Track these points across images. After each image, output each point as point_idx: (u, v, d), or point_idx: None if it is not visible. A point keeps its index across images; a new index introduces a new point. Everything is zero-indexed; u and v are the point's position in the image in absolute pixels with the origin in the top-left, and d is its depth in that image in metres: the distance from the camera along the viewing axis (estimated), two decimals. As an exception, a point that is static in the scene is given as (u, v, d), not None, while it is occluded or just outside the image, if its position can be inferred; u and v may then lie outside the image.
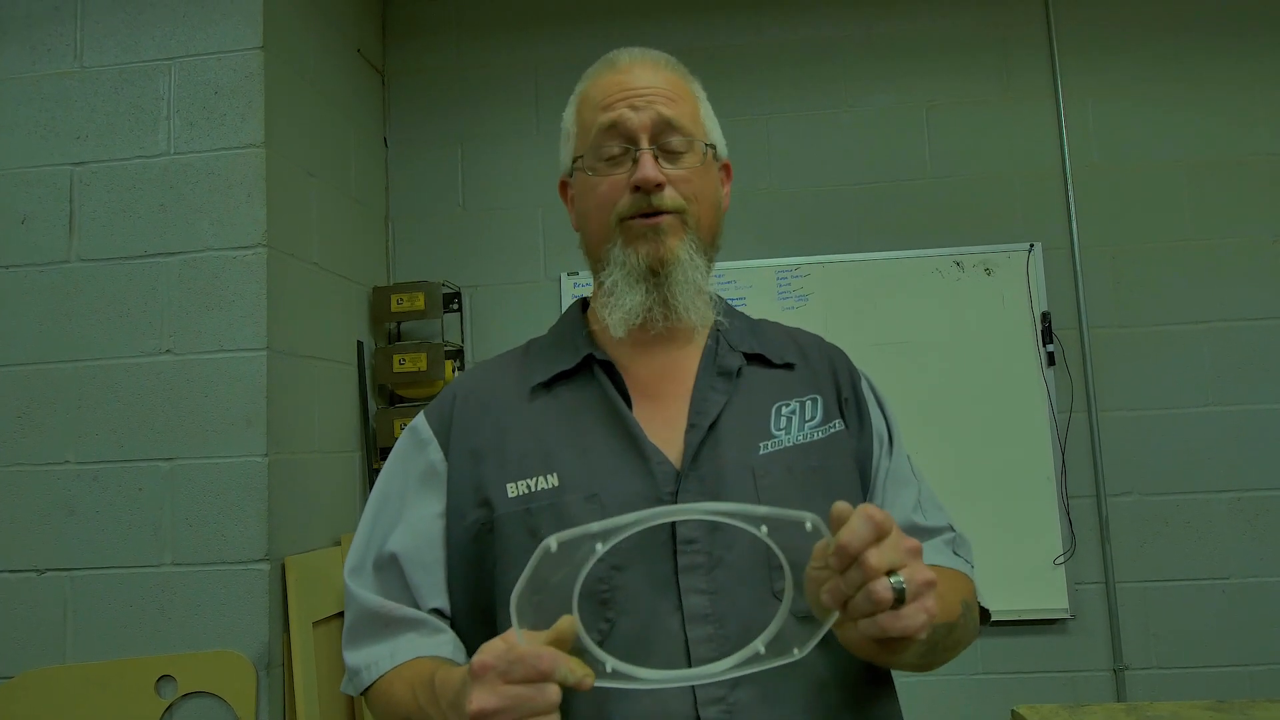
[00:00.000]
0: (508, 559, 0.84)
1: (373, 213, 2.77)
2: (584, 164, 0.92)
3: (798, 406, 0.93)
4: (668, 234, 0.89)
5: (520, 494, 0.85)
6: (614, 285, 0.90)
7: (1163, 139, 2.70)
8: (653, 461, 0.85)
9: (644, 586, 0.80)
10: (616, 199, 0.89)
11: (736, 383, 0.92)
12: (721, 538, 0.82)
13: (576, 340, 0.95)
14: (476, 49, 2.89)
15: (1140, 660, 2.54)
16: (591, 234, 0.94)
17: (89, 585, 2.01)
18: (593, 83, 0.95)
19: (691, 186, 0.90)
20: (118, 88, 2.14)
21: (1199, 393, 2.61)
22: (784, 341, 1.00)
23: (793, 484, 0.87)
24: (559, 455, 0.86)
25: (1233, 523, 2.56)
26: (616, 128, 0.89)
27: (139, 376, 2.06)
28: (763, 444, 0.89)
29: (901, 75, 2.79)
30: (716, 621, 0.80)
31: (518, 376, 0.95)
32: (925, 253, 2.67)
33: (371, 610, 0.88)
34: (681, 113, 0.91)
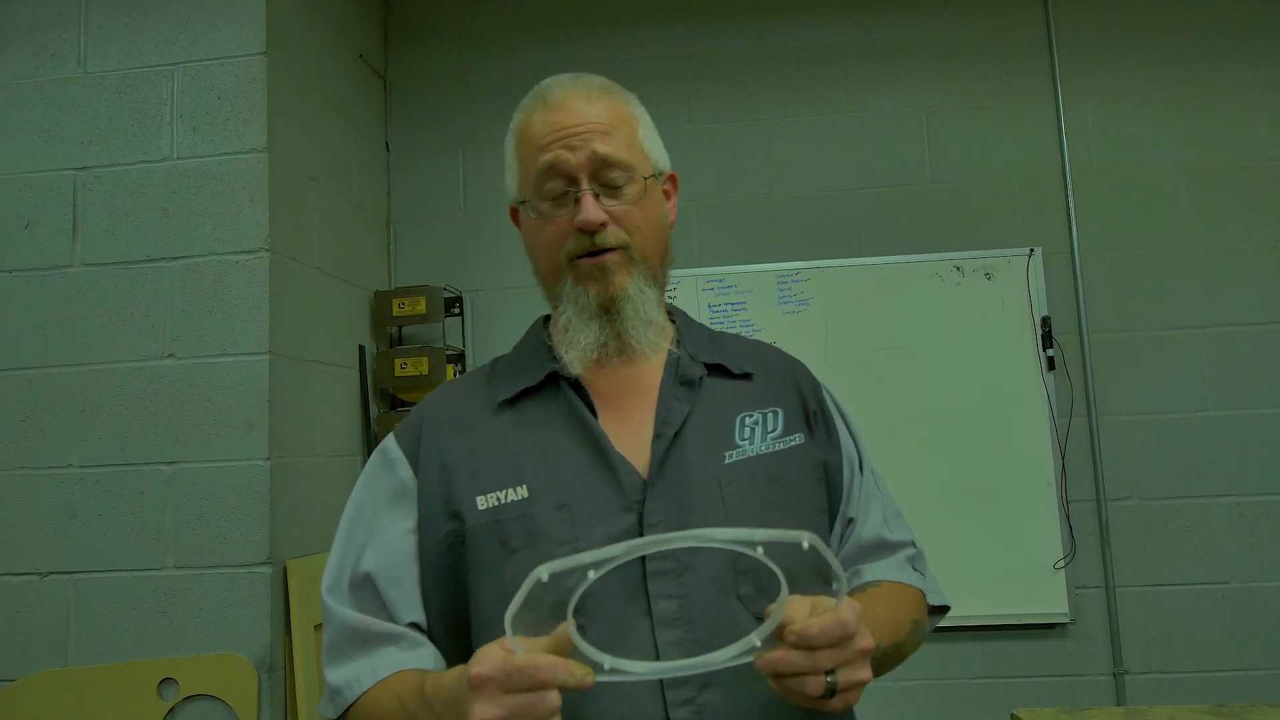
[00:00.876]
0: (479, 569, 0.86)
1: (374, 217, 2.78)
2: (529, 205, 0.94)
3: (760, 417, 0.95)
4: (615, 271, 0.91)
5: (490, 505, 0.87)
6: (568, 321, 0.92)
7: (1162, 143, 2.71)
8: (620, 471, 0.87)
9: (613, 592, 0.82)
10: (563, 239, 0.91)
11: (698, 392, 0.94)
12: None
13: (540, 357, 0.97)
14: (478, 54, 2.90)
15: (1140, 665, 2.54)
16: (542, 269, 0.96)
17: (91, 588, 2.02)
18: (528, 118, 0.96)
19: (633, 219, 0.92)
20: (121, 93, 2.15)
21: (1199, 397, 2.62)
22: (743, 353, 1.02)
23: (756, 493, 0.90)
24: (528, 467, 0.89)
25: (1233, 528, 2.56)
26: (555, 169, 0.91)
27: (141, 380, 2.07)
28: (728, 453, 0.91)
29: (901, 80, 2.80)
30: (685, 625, 0.82)
31: (484, 394, 0.97)
32: (925, 257, 2.67)
33: (350, 626, 0.88)
34: (618, 145, 0.92)
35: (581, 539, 0.83)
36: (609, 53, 2.83)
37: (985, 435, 2.59)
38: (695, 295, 2.71)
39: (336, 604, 0.90)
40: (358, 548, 0.92)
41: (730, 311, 2.70)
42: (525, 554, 0.83)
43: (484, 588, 0.85)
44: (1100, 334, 2.66)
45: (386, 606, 0.89)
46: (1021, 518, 2.57)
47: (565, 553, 0.81)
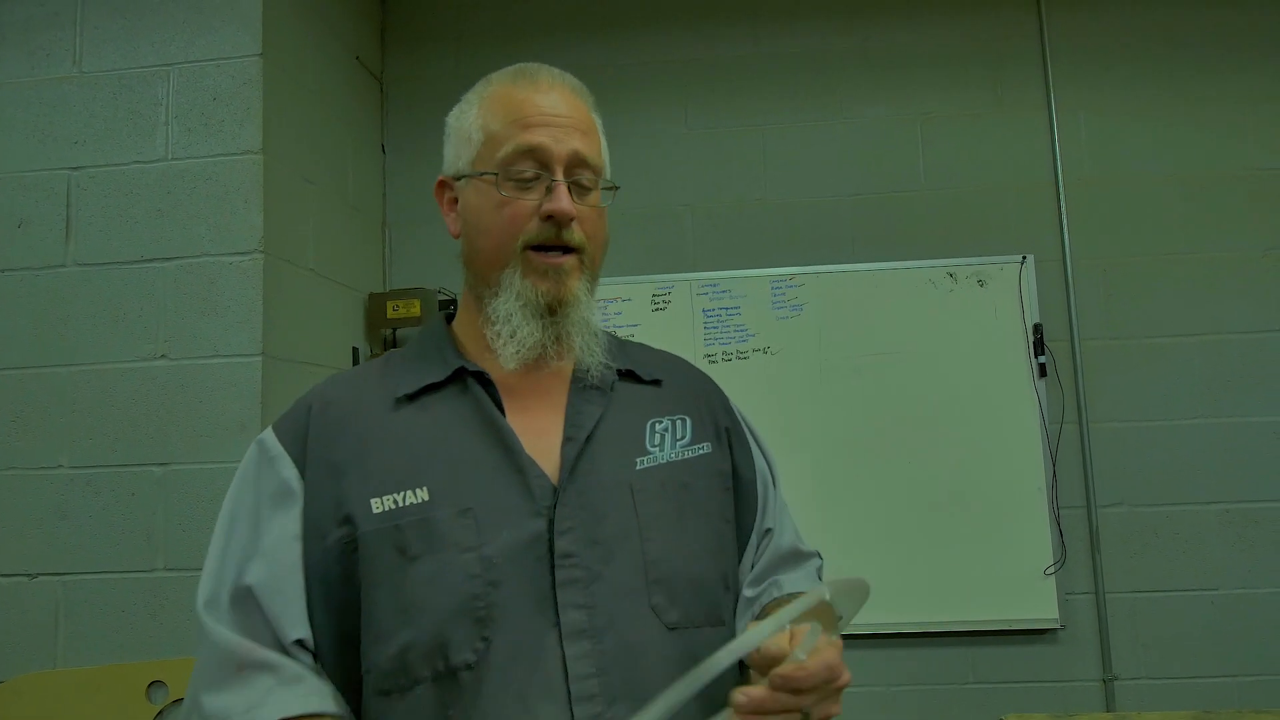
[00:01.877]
0: (374, 578, 0.79)
1: (370, 219, 2.78)
2: (490, 179, 0.89)
3: (669, 424, 0.94)
4: (569, 275, 0.89)
5: (386, 509, 0.81)
6: (508, 315, 0.88)
7: (1154, 152, 2.73)
8: (529, 475, 0.84)
9: (521, 603, 0.79)
10: (524, 224, 0.87)
11: (610, 396, 0.92)
12: (599, 551, 0.82)
13: (445, 353, 0.92)
14: (475, 57, 2.90)
15: (1129, 671, 2.55)
16: (486, 250, 0.90)
17: (81, 590, 2.01)
18: (508, 93, 0.91)
19: (592, 225, 0.91)
20: (116, 93, 2.15)
21: (1189, 405, 2.63)
22: (652, 360, 1.01)
23: (667, 501, 0.88)
24: (428, 468, 0.83)
25: (1222, 534, 2.58)
26: (535, 152, 0.87)
27: (134, 381, 2.06)
28: (639, 459, 0.89)
29: (896, 87, 2.82)
30: (594, 636, 0.79)
31: (380, 388, 0.90)
32: (919, 264, 2.68)
33: (227, 650, 0.79)
34: (593, 150, 0.91)
35: (486, 544, 0.79)
36: (606, 57, 2.84)
37: (977, 441, 2.60)
38: (689, 300, 2.71)
39: (214, 622, 0.81)
40: (237, 555, 0.83)
41: (724, 316, 2.70)
42: (426, 561, 0.79)
43: (379, 598, 0.79)
44: (1092, 341, 2.67)
45: (269, 622, 0.80)
46: (1012, 523, 2.58)
47: (468, 561, 0.78)
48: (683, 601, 0.84)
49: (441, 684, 0.77)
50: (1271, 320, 2.63)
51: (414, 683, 0.77)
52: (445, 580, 0.78)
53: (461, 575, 0.78)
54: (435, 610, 0.78)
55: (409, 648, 0.77)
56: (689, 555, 0.87)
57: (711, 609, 0.88)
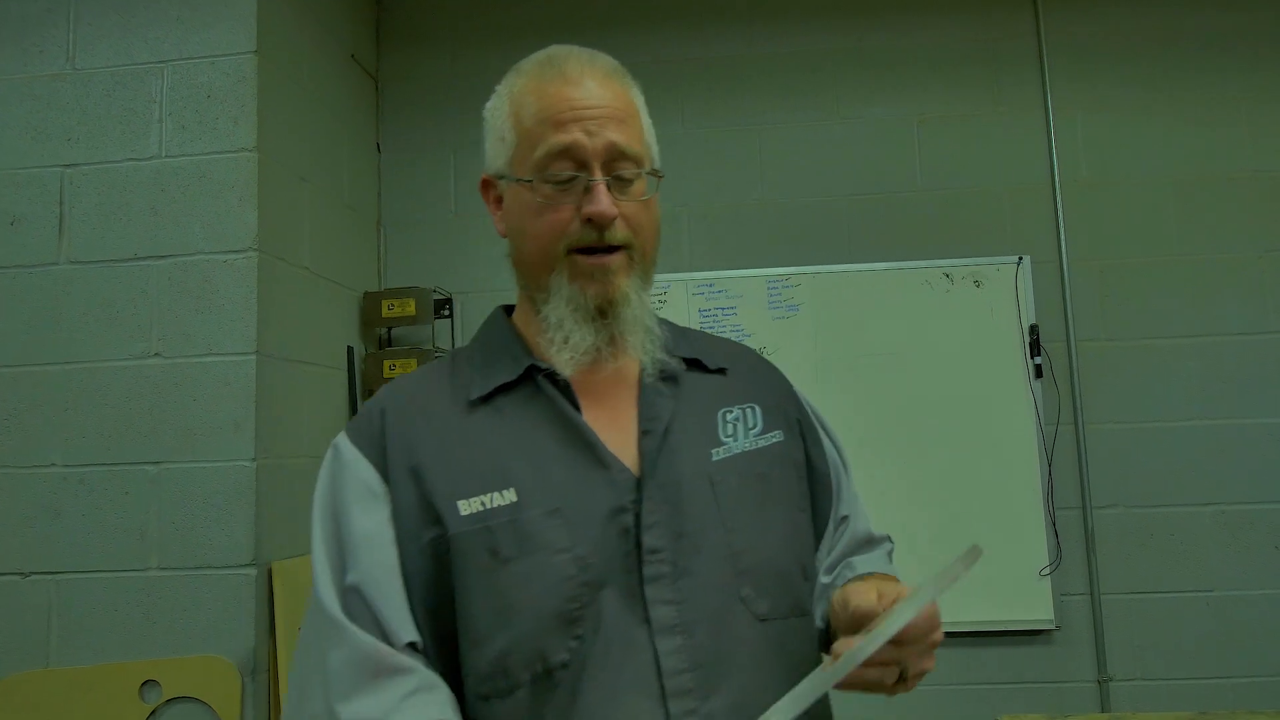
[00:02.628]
0: (467, 581, 0.79)
1: (365, 218, 2.77)
2: (528, 184, 0.86)
3: (740, 413, 0.92)
4: (616, 274, 0.86)
5: (475, 511, 0.80)
6: (559, 321, 0.86)
7: (1151, 154, 2.73)
8: (613, 470, 0.83)
9: (611, 600, 0.78)
10: (565, 227, 0.85)
11: (679, 388, 0.91)
12: (686, 545, 0.82)
13: (513, 350, 0.90)
14: (471, 56, 2.89)
15: (1124, 672, 2.55)
16: (531, 255, 0.88)
17: (74, 589, 2.01)
18: (538, 87, 0.88)
19: (638, 218, 0.87)
20: (110, 90, 2.14)
21: (1185, 406, 2.63)
22: (715, 347, 0.99)
23: (746, 491, 0.87)
24: (513, 470, 0.82)
25: (1216, 536, 2.58)
26: (569, 152, 0.84)
27: (127, 379, 2.05)
28: (714, 450, 0.88)
29: (892, 88, 2.81)
30: (685, 631, 0.79)
31: (451, 389, 0.89)
32: (915, 264, 2.68)
33: (364, 654, 0.77)
34: (632, 137, 0.87)
35: (580, 544, 0.79)
36: (602, 56, 2.83)
37: (972, 442, 2.60)
38: (685, 300, 2.71)
39: (350, 622, 0.78)
40: (336, 562, 0.82)
41: (720, 316, 2.70)
42: (520, 563, 0.78)
43: (474, 601, 0.78)
44: (1087, 342, 2.67)
45: (380, 624, 0.78)
46: (1008, 524, 2.58)
47: (563, 562, 0.78)
48: (770, 592, 0.84)
49: (539, 685, 0.77)
50: (1267, 322, 2.64)
51: (514, 686, 0.77)
52: (542, 582, 0.78)
53: (558, 577, 0.78)
54: (533, 613, 0.77)
55: (508, 652, 0.77)
56: (772, 545, 0.87)
57: (796, 599, 0.88)
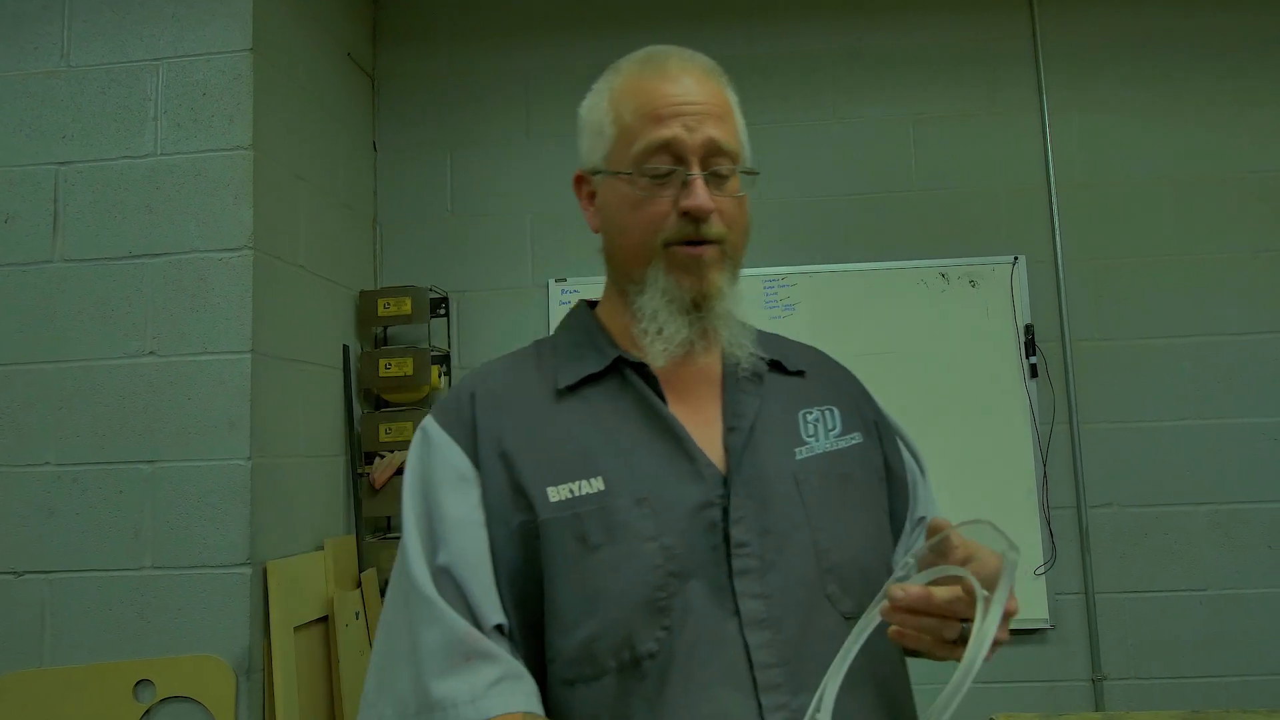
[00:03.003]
0: (555, 567, 0.80)
1: (361, 216, 2.76)
2: (626, 176, 0.88)
3: (820, 415, 0.94)
4: (710, 267, 0.87)
5: (564, 498, 0.81)
6: (654, 312, 0.88)
7: (1146, 154, 2.74)
8: (700, 464, 0.84)
9: (699, 592, 0.79)
10: (662, 221, 0.86)
11: (763, 387, 0.92)
12: (772, 541, 0.82)
13: (599, 342, 0.92)
14: (467, 55, 2.89)
15: (1118, 670, 2.56)
16: (627, 247, 0.90)
17: (67, 588, 2.00)
18: (638, 84, 0.90)
19: (732, 214, 0.89)
20: (104, 87, 2.13)
21: (1179, 406, 2.64)
22: (794, 350, 1.01)
23: (829, 490, 0.88)
24: (601, 458, 0.84)
25: (1210, 535, 2.59)
26: (669, 147, 0.86)
27: (121, 378, 2.05)
28: (798, 449, 0.89)
29: (889, 88, 2.82)
30: (773, 626, 0.79)
31: (538, 377, 0.91)
32: (911, 264, 2.69)
33: (456, 636, 0.78)
34: (729, 135, 0.89)
35: (666, 534, 0.80)
36: (599, 56, 2.80)
37: (968, 442, 2.60)
38: (681, 299, 2.71)
39: (446, 604, 0.79)
40: (427, 543, 0.83)
41: (716, 315, 2.70)
42: (608, 551, 0.79)
43: (562, 587, 0.80)
44: (1082, 342, 2.68)
45: (470, 605, 0.79)
46: (1003, 523, 2.53)
47: (651, 551, 0.80)
48: (855, 590, 0.84)
49: (625, 673, 0.77)
50: (1261, 322, 2.65)
51: (600, 673, 0.78)
52: (629, 570, 0.79)
53: (645, 565, 0.79)
54: (620, 600, 0.78)
55: (595, 638, 0.78)
56: (856, 544, 0.88)
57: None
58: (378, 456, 2.60)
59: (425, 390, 2.67)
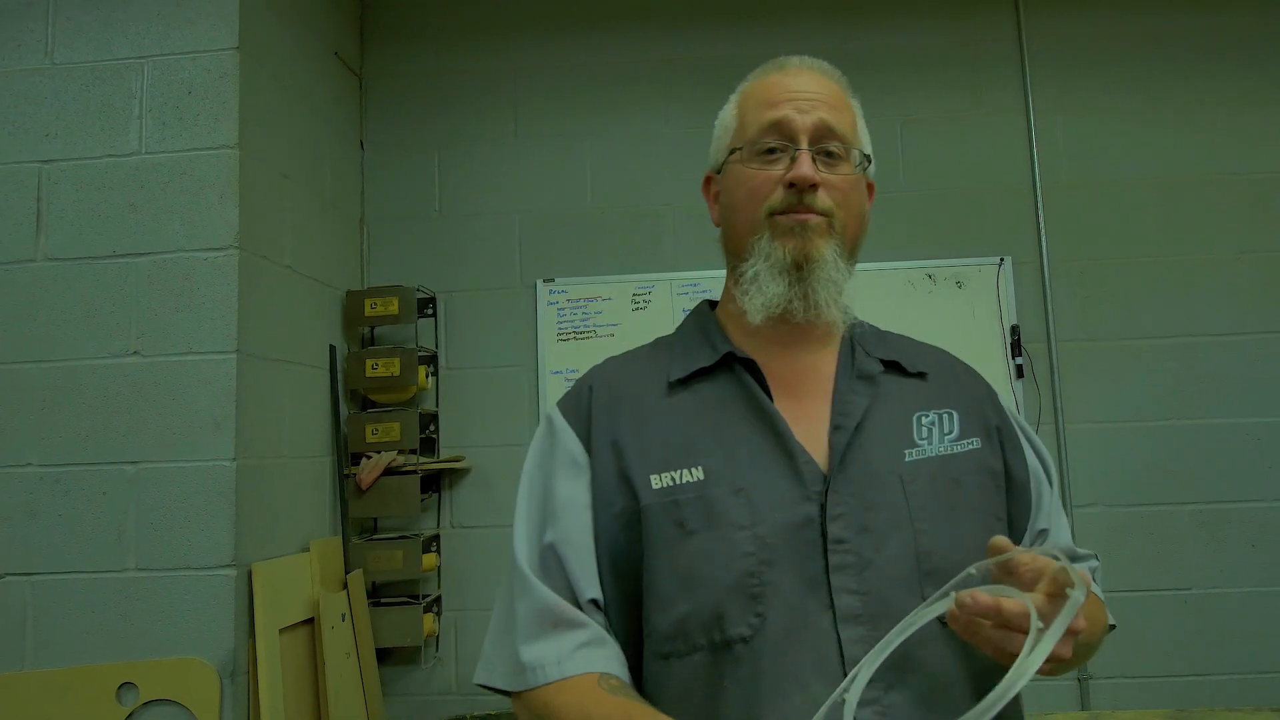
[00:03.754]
0: (654, 549, 0.84)
1: (347, 216, 2.75)
2: (739, 156, 0.93)
3: (936, 418, 0.93)
4: (815, 233, 0.89)
5: (665, 486, 0.86)
6: (756, 275, 0.91)
7: (1131, 156, 2.76)
8: (799, 460, 0.85)
9: (794, 583, 0.81)
10: (769, 193, 0.90)
11: (876, 388, 0.92)
12: (870, 539, 0.82)
13: (713, 338, 0.95)
14: (455, 55, 2.88)
15: (1104, 670, 2.58)
16: (738, 224, 0.93)
17: (50, 590, 1.98)
18: (758, 82, 0.96)
19: (842, 193, 0.91)
20: (89, 85, 2.12)
21: (1164, 406, 2.66)
22: (916, 352, 1.00)
23: (937, 494, 0.87)
24: (702, 449, 0.87)
25: (1195, 534, 2.61)
26: (779, 126, 0.90)
27: (105, 378, 2.03)
28: (908, 451, 0.89)
29: (876, 89, 2.82)
30: (869, 622, 0.80)
31: (652, 371, 0.95)
32: (898, 265, 2.70)
33: (545, 606, 0.86)
34: (842, 121, 0.92)
35: (760, 524, 0.82)
36: (587, 56, 2.83)
37: (955, 442, 2.61)
38: (670, 299, 2.71)
39: (538, 580, 0.87)
40: (537, 520, 0.90)
41: (704, 316, 2.70)
42: (703, 536, 0.83)
43: (659, 568, 0.84)
44: (1068, 343, 2.70)
45: (570, 580, 0.86)
46: (990, 524, 2.59)
47: (744, 539, 0.82)
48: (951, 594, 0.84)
49: (718, 654, 0.81)
50: (1244, 323, 2.67)
51: (692, 649, 0.81)
52: (722, 555, 0.82)
53: (737, 552, 0.82)
54: (712, 583, 0.81)
55: (688, 616, 0.82)
56: (962, 549, 0.85)
57: None
58: (364, 457, 2.58)
59: (412, 390, 2.66)
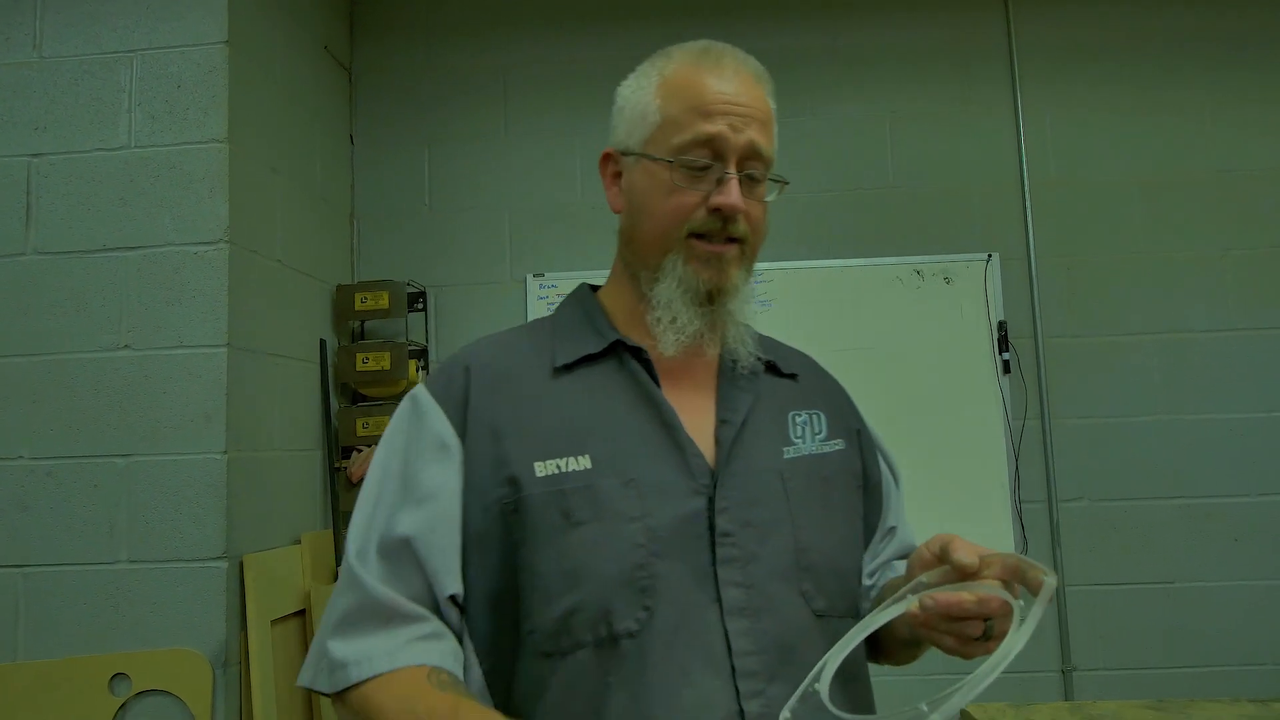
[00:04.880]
0: (537, 541, 0.81)
1: (338, 211, 2.76)
2: (662, 159, 0.89)
3: (808, 418, 0.96)
4: (730, 264, 0.89)
5: (549, 474, 0.83)
6: (669, 301, 0.89)
7: (1118, 153, 2.77)
8: (688, 453, 0.86)
9: (683, 577, 0.81)
10: (690, 212, 0.88)
11: (758, 385, 0.94)
12: (754, 534, 0.84)
13: (599, 324, 0.94)
14: (446, 49, 2.88)
15: (1087, 662, 2.61)
16: (650, 234, 0.91)
17: (42, 582, 1.99)
18: (688, 76, 0.91)
19: (757, 218, 0.91)
20: (77, 79, 2.12)
21: (1149, 402, 2.68)
22: (786, 353, 1.03)
23: (811, 492, 0.90)
24: (590, 437, 0.85)
25: (1179, 528, 2.64)
26: (713, 143, 0.87)
27: (96, 372, 2.04)
28: (786, 449, 0.91)
29: (866, 85, 2.84)
30: (753, 615, 0.81)
31: (534, 355, 0.92)
32: (886, 261, 2.71)
33: (376, 600, 0.81)
34: (768, 140, 0.90)
35: (651, 516, 0.81)
36: (577, 51, 2.83)
37: (942, 437, 2.64)
38: (660, 294, 2.72)
39: (366, 573, 0.83)
40: (390, 508, 0.85)
41: (694, 311, 2.71)
42: (591, 527, 0.81)
43: (542, 561, 0.81)
44: (1054, 339, 2.72)
45: (427, 576, 0.82)
46: (976, 517, 2.62)
47: (634, 530, 0.81)
48: (828, 590, 0.87)
49: (603, 650, 0.79)
50: (1229, 319, 2.69)
51: (576, 646, 0.79)
52: (611, 547, 0.80)
53: (627, 544, 0.80)
54: (600, 576, 0.79)
55: (573, 611, 0.79)
56: (834, 546, 0.90)
57: (851, 600, 0.91)
58: (355, 451, 2.60)
59: (403, 385, 2.67)
